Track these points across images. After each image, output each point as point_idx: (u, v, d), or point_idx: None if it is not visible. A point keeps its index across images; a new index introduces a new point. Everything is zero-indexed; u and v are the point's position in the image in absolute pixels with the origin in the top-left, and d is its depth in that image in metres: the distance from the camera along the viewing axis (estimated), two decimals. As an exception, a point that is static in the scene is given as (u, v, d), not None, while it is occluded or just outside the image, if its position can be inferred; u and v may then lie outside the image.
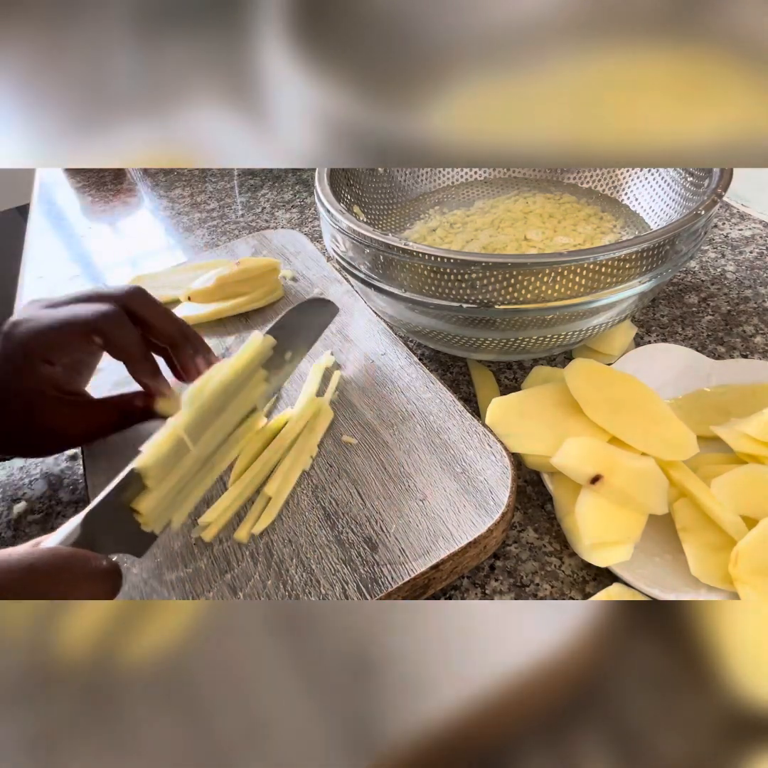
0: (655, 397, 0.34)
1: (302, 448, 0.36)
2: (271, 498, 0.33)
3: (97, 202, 0.77)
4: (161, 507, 0.28)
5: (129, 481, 0.27)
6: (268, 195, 0.73)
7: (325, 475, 0.35)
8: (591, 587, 0.31)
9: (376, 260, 0.36)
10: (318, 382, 0.40)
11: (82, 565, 0.23)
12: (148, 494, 0.27)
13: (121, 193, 0.79)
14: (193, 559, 0.32)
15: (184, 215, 0.71)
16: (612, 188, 0.51)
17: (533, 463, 0.34)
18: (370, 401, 0.38)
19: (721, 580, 0.29)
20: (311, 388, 0.39)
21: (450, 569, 0.30)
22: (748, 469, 0.32)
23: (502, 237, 0.47)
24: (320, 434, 0.37)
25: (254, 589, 0.30)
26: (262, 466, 0.35)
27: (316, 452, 0.36)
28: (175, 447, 0.29)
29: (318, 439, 0.36)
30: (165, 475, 0.28)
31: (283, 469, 0.34)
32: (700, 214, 0.34)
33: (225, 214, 0.70)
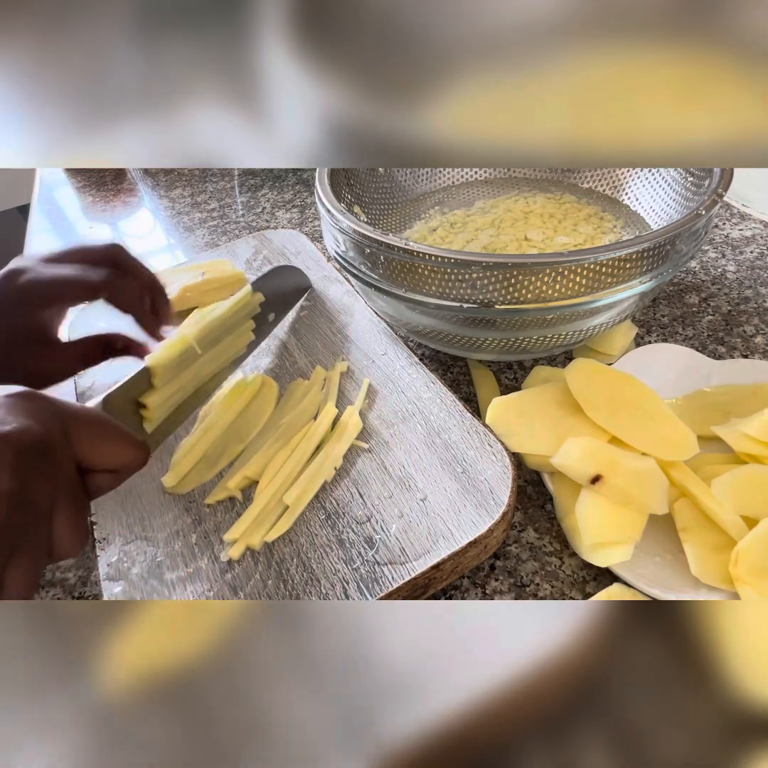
0: (656, 397, 0.34)
1: (326, 457, 0.35)
2: (288, 506, 0.33)
3: (98, 201, 0.77)
4: (165, 407, 0.31)
5: (140, 377, 0.30)
6: (268, 195, 0.73)
7: (325, 474, 0.35)
8: (591, 587, 0.31)
9: (377, 260, 0.36)
10: (337, 390, 0.39)
11: (113, 426, 0.26)
12: (155, 392, 0.31)
13: (121, 193, 0.79)
14: (193, 559, 0.32)
15: (184, 215, 0.71)
16: (612, 188, 0.51)
17: (533, 462, 0.34)
18: (370, 401, 0.38)
19: (722, 580, 0.29)
20: (332, 396, 0.39)
21: (450, 569, 0.30)
22: (748, 469, 0.32)
23: (503, 237, 0.47)
24: (347, 445, 0.36)
25: (255, 589, 0.30)
26: (285, 477, 0.34)
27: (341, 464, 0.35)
28: (184, 352, 0.33)
29: (344, 450, 0.35)
30: (172, 378, 0.32)
31: (304, 479, 0.34)
32: (700, 214, 0.34)
33: (225, 214, 0.70)
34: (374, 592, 0.29)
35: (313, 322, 0.46)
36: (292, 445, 0.36)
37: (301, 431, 0.37)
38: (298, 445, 0.36)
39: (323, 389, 0.40)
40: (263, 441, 0.37)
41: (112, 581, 0.31)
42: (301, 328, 0.45)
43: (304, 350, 0.43)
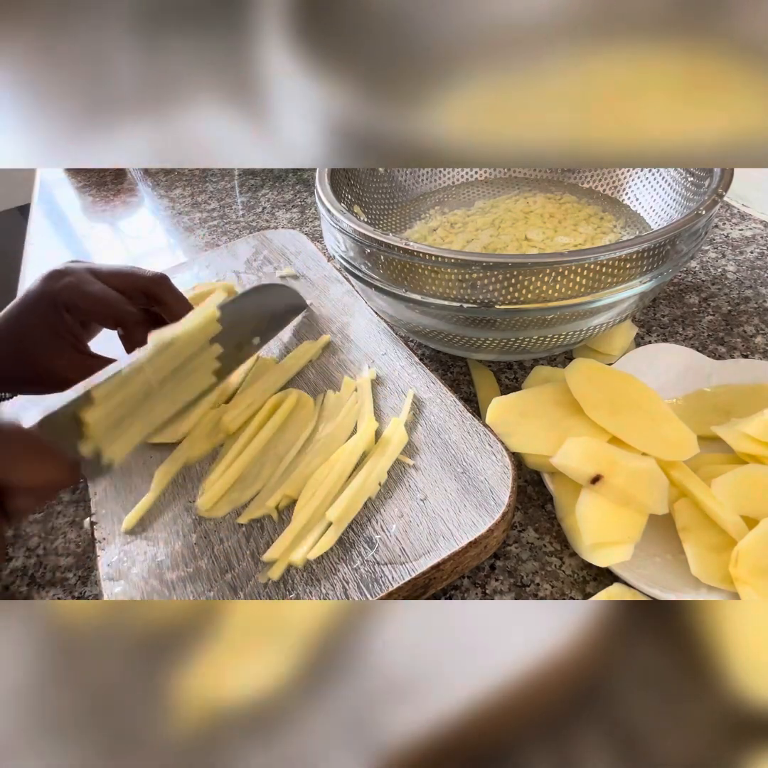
0: (656, 397, 0.34)
1: (370, 472, 0.33)
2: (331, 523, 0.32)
3: (98, 201, 0.77)
4: (106, 423, 0.30)
5: (82, 397, 0.29)
6: (268, 195, 0.73)
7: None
8: (591, 587, 0.31)
9: (377, 260, 0.36)
10: (371, 401, 0.38)
11: (35, 443, 0.25)
12: (95, 407, 0.29)
13: (121, 192, 0.79)
14: (193, 559, 0.32)
15: (184, 215, 0.71)
16: (613, 188, 0.51)
17: (534, 462, 0.34)
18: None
19: (722, 580, 0.29)
20: (368, 408, 0.37)
21: (450, 569, 0.30)
22: (748, 469, 0.32)
23: (503, 237, 0.47)
24: (392, 459, 0.34)
25: (254, 589, 0.30)
26: (326, 494, 0.33)
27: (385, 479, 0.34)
28: (130, 368, 0.31)
29: (389, 465, 0.34)
30: (113, 395, 0.30)
31: (348, 495, 0.32)
32: (700, 214, 0.34)
33: (225, 214, 0.70)
34: (374, 592, 0.29)
35: (313, 322, 0.46)
36: (332, 461, 0.35)
37: (341, 447, 0.35)
38: (338, 461, 0.34)
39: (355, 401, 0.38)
40: (301, 458, 0.36)
41: (112, 581, 0.31)
42: (302, 328, 0.45)
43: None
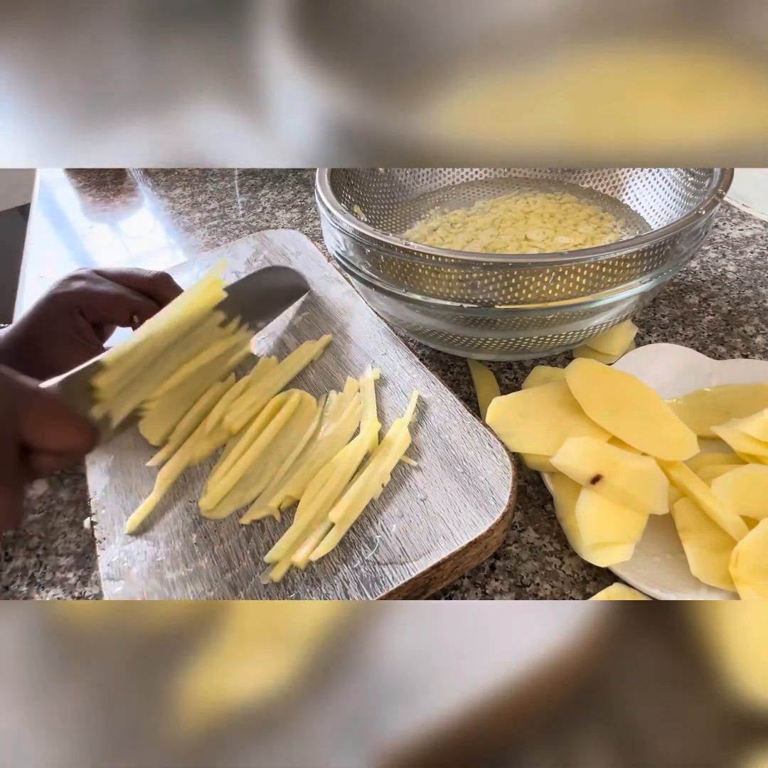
0: (656, 397, 0.34)
1: (373, 473, 0.33)
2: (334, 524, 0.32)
3: (98, 201, 0.77)
4: (117, 388, 0.31)
5: (93, 364, 0.30)
6: (268, 195, 0.73)
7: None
8: (591, 587, 0.31)
9: (377, 260, 0.36)
10: (375, 401, 0.38)
11: (63, 408, 0.27)
12: (106, 372, 0.31)
13: (121, 193, 0.79)
14: (194, 558, 0.32)
15: (184, 215, 0.71)
16: (613, 188, 0.51)
17: (534, 462, 0.34)
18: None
19: (722, 580, 0.29)
20: (371, 408, 0.37)
21: (450, 569, 0.30)
22: (748, 469, 0.32)
23: (503, 237, 0.47)
24: (395, 460, 0.34)
25: (255, 589, 0.30)
26: (329, 495, 0.33)
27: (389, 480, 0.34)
28: (138, 342, 0.32)
29: (392, 466, 0.34)
30: (123, 361, 0.31)
31: (351, 495, 0.32)
32: (700, 214, 0.34)
33: (225, 214, 0.70)
34: (374, 592, 0.29)
35: (314, 322, 0.46)
36: (335, 462, 0.35)
37: (344, 447, 0.35)
38: (341, 462, 0.34)
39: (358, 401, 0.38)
40: (304, 459, 0.36)
41: (113, 581, 0.31)
42: (302, 329, 0.45)
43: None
